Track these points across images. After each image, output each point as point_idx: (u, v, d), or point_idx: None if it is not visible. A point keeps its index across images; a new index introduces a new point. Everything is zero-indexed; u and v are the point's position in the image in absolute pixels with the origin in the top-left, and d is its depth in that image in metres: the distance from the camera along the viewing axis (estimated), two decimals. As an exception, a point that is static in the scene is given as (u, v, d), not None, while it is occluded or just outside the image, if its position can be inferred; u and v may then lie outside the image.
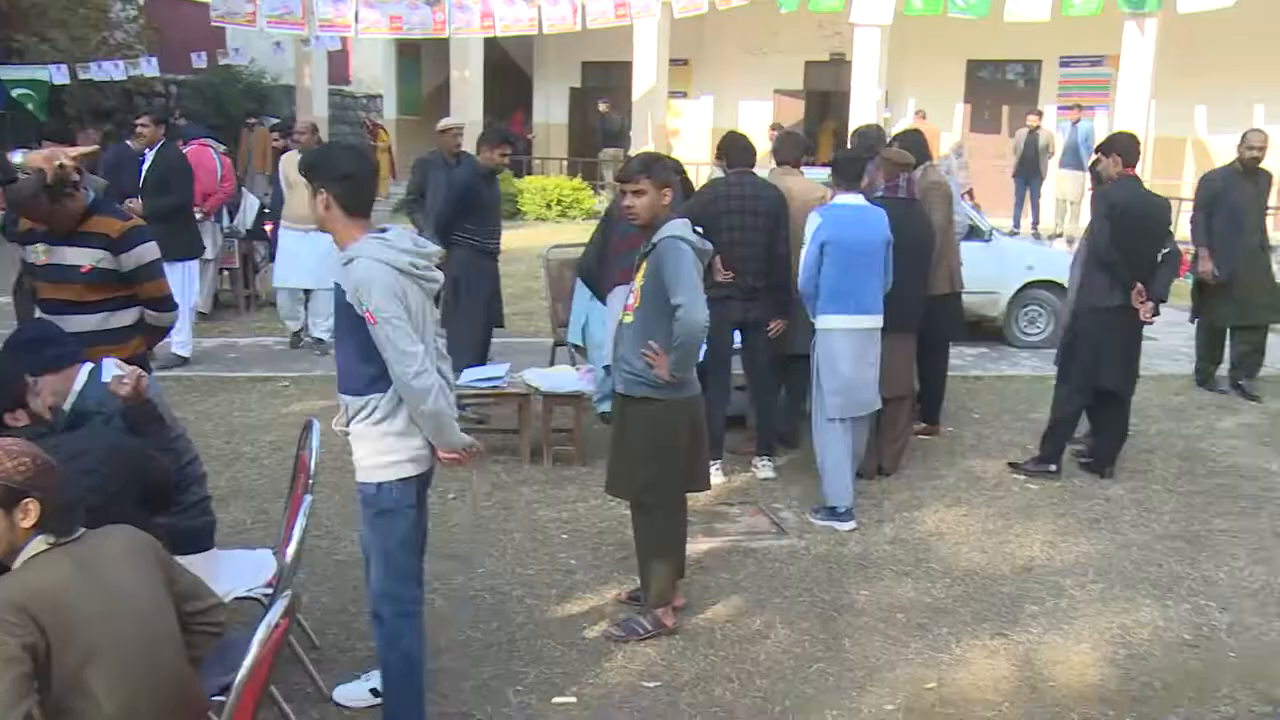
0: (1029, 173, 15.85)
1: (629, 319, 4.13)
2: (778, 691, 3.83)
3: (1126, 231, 5.74)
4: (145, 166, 7.77)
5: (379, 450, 3.22)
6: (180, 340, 7.92)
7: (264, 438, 6.47)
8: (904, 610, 4.46)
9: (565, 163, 20.43)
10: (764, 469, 5.99)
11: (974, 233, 8.50)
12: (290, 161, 8.59)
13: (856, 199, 5.40)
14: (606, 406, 5.98)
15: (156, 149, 7.86)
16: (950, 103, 18.67)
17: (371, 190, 3.22)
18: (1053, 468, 6.03)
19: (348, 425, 3.27)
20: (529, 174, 18.98)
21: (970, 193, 14.72)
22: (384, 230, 3.22)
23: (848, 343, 5.31)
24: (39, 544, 2.30)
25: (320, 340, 8.56)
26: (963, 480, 6.04)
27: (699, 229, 4.26)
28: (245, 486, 5.66)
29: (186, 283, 7.94)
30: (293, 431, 6.32)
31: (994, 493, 5.86)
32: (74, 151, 3.69)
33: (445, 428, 3.22)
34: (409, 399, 3.13)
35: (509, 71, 22.11)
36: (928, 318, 6.08)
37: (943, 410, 6.91)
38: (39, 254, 3.95)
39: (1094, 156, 6.39)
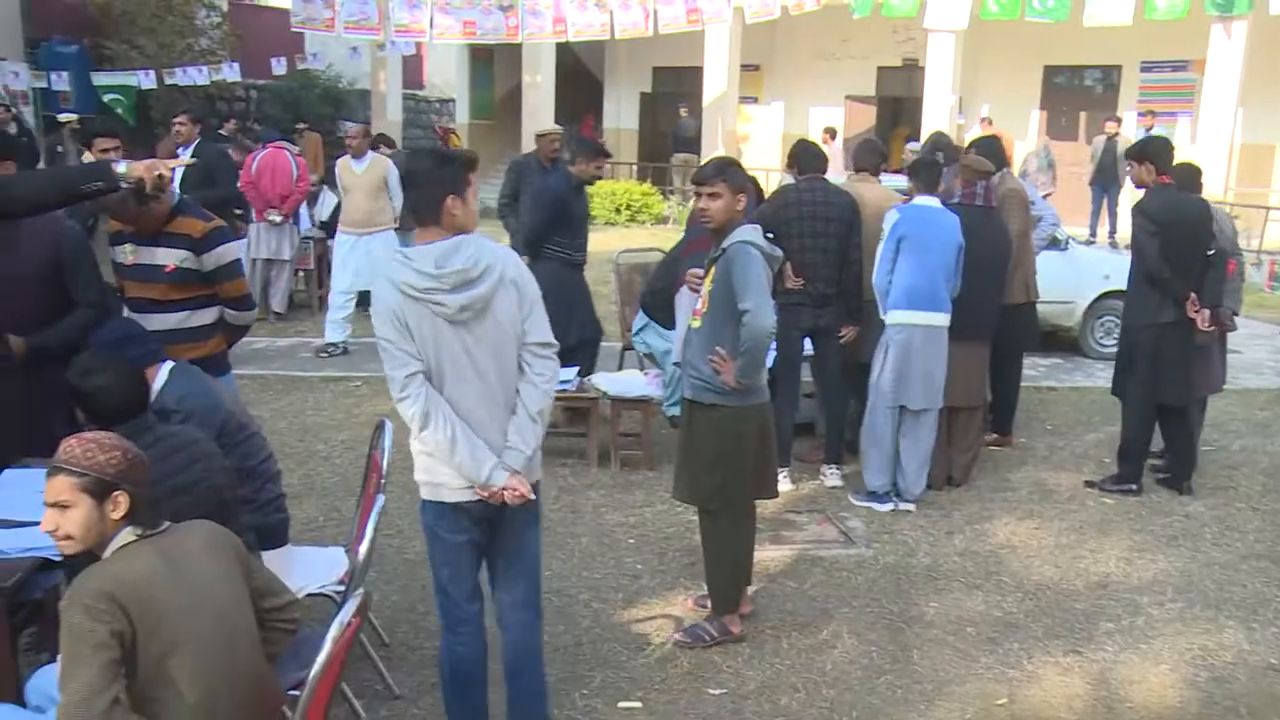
0: (1107, 180, 15.52)
1: (697, 324, 4.12)
2: (844, 702, 3.79)
3: (1170, 243, 5.57)
4: None
5: (419, 467, 3.11)
6: None
7: (336, 436, 6.58)
8: (974, 624, 4.39)
9: (635, 167, 20.49)
10: (832, 477, 5.94)
11: (1050, 241, 8.34)
12: (344, 166, 8.72)
13: (933, 202, 5.52)
14: (676, 410, 5.98)
15: (194, 146, 8.02)
16: (1025, 109, 18.37)
17: (418, 199, 3.01)
18: (1133, 487, 5.88)
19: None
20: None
21: (1045, 199, 14.43)
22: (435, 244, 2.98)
23: (918, 337, 5.43)
24: (127, 535, 2.36)
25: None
26: (1035, 493, 5.92)
27: (770, 235, 4.24)
28: (318, 484, 5.76)
29: None
30: (364, 431, 6.43)
31: (1067, 506, 5.74)
32: (172, 162, 3.80)
33: (450, 460, 2.99)
34: (407, 424, 3.00)
35: (580, 76, 22.24)
36: (1001, 327, 5.99)
37: (1015, 421, 6.79)
38: (127, 254, 4.06)
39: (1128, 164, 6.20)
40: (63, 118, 13.93)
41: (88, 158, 4.46)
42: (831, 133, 16.98)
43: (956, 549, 5.14)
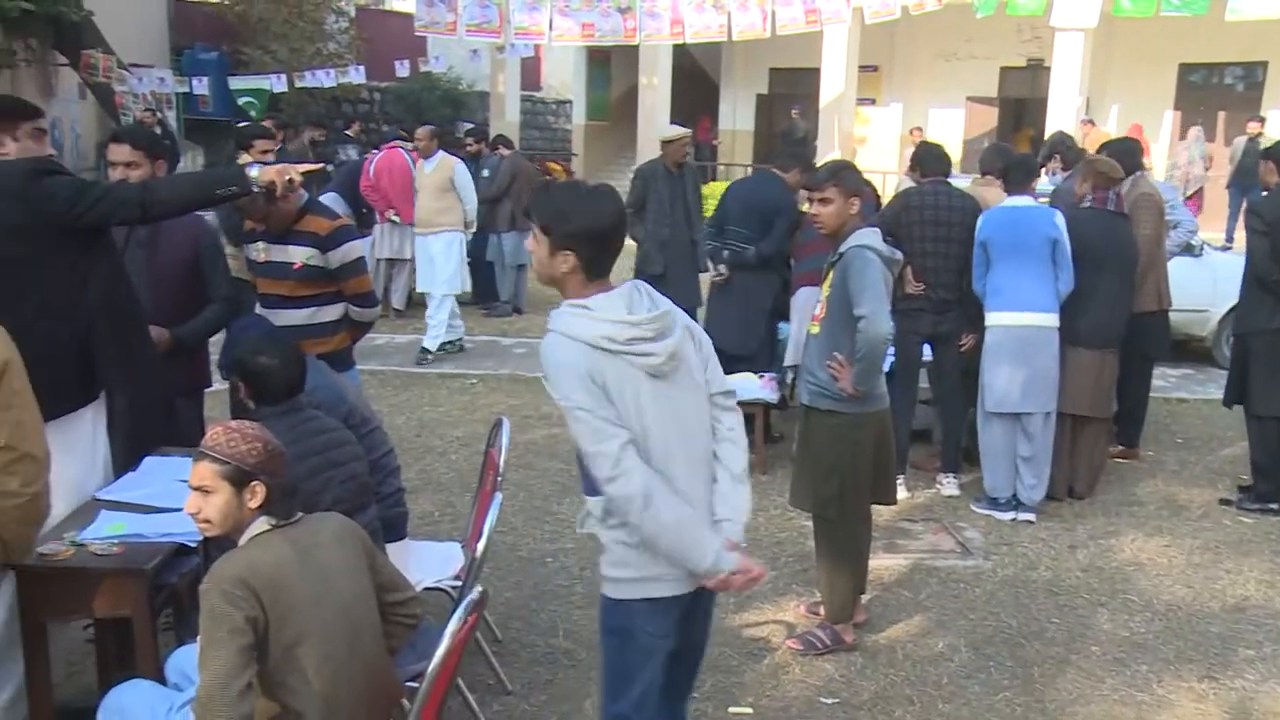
0: (1247, 183, 14.82)
1: (815, 330, 4.07)
2: (961, 717, 3.69)
3: None
4: None
5: (613, 561, 2.59)
6: None
7: (452, 432, 6.70)
8: (1098, 642, 4.23)
9: (750, 169, 20.38)
10: (949, 486, 5.82)
11: (1184, 247, 8.01)
12: (417, 168, 8.93)
13: (1024, 200, 5.45)
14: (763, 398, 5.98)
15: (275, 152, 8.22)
16: (1158, 110, 17.69)
17: (617, 247, 2.59)
18: (1273, 506, 5.59)
19: (585, 527, 2.67)
20: (713, 179, 19.04)
21: (1199, 193, 13.80)
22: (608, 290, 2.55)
23: (1005, 338, 5.34)
24: (262, 524, 2.44)
25: (425, 351, 8.59)
26: (1165, 508, 5.69)
27: (889, 239, 4.17)
28: (434, 480, 5.86)
29: None
30: (479, 428, 6.54)
31: (1200, 524, 5.49)
32: (302, 167, 3.92)
33: (668, 546, 2.49)
34: (616, 509, 2.50)
35: (696, 78, 22.24)
36: (1130, 336, 5.78)
37: (1142, 433, 6.54)
38: (259, 252, 4.21)
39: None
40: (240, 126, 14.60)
41: (245, 158, 4.66)
42: (918, 133, 16.68)
43: (1080, 564, 4.97)
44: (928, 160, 5.77)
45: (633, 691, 2.63)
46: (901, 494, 5.47)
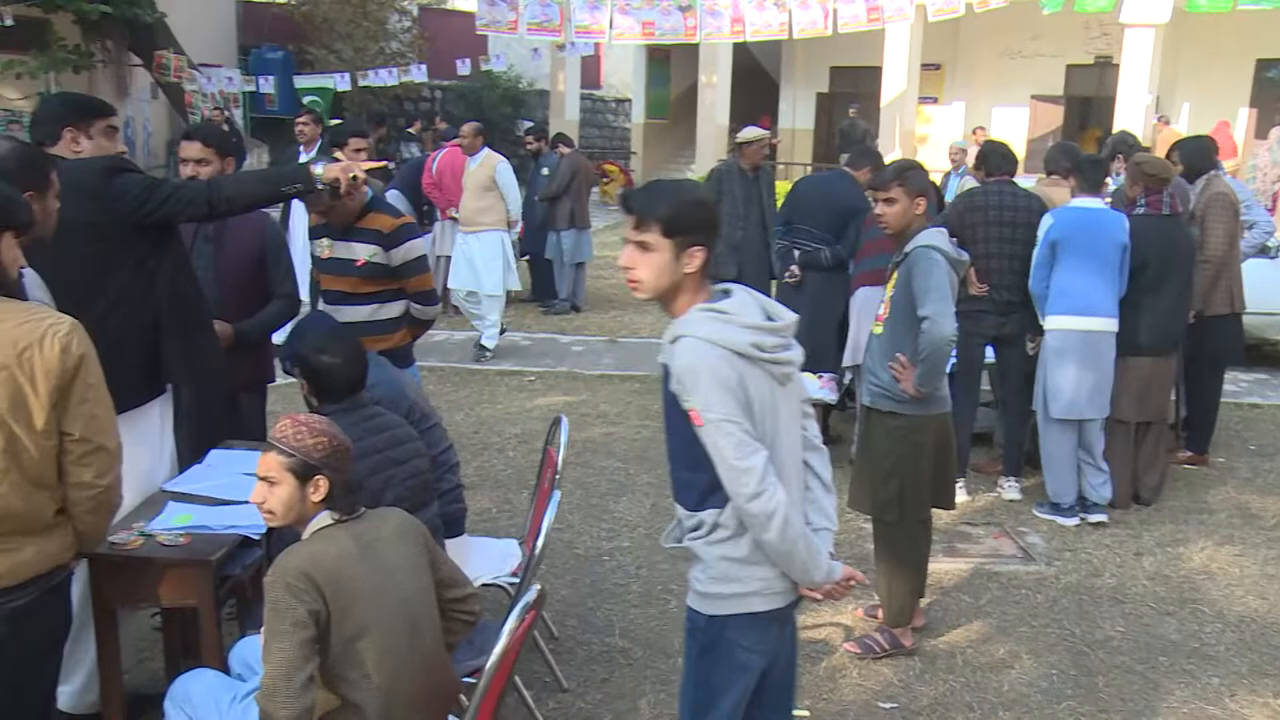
0: (1325, 183, 14.41)
1: (878, 330, 4.03)
2: (1023, 727, 3.63)
3: None
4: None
5: (715, 577, 2.44)
6: None
7: (510, 429, 6.73)
8: (1166, 653, 4.13)
9: (809, 168, 20.25)
10: (1010, 490, 5.72)
11: (1259, 249, 7.80)
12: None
13: (1095, 202, 5.33)
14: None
15: (316, 148, 8.33)
16: (1233, 107, 17.23)
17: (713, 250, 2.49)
18: None
19: (679, 541, 2.51)
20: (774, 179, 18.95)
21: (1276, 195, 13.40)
22: (725, 294, 2.45)
23: (1071, 342, 5.24)
24: (325, 518, 2.47)
25: (483, 349, 8.63)
26: (1236, 516, 5.54)
27: (953, 239, 4.11)
28: (491, 476, 5.89)
29: None
30: (537, 425, 6.57)
31: (1273, 533, 5.34)
32: (366, 165, 3.96)
33: (795, 562, 2.40)
34: (747, 523, 2.37)
35: (756, 76, 22.14)
36: (1201, 340, 5.64)
37: (1213, 440, 6.37)
38: (324, 248, 4.26)
39: None
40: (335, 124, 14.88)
41: (340, 156, 4.72)
42: (980, 131, 16.41)
43: (1146, 572, 4.86)
44: (993, 159, 5.68)
45: (721, 708, 2.52)
46: (962, 497, 5.41)
